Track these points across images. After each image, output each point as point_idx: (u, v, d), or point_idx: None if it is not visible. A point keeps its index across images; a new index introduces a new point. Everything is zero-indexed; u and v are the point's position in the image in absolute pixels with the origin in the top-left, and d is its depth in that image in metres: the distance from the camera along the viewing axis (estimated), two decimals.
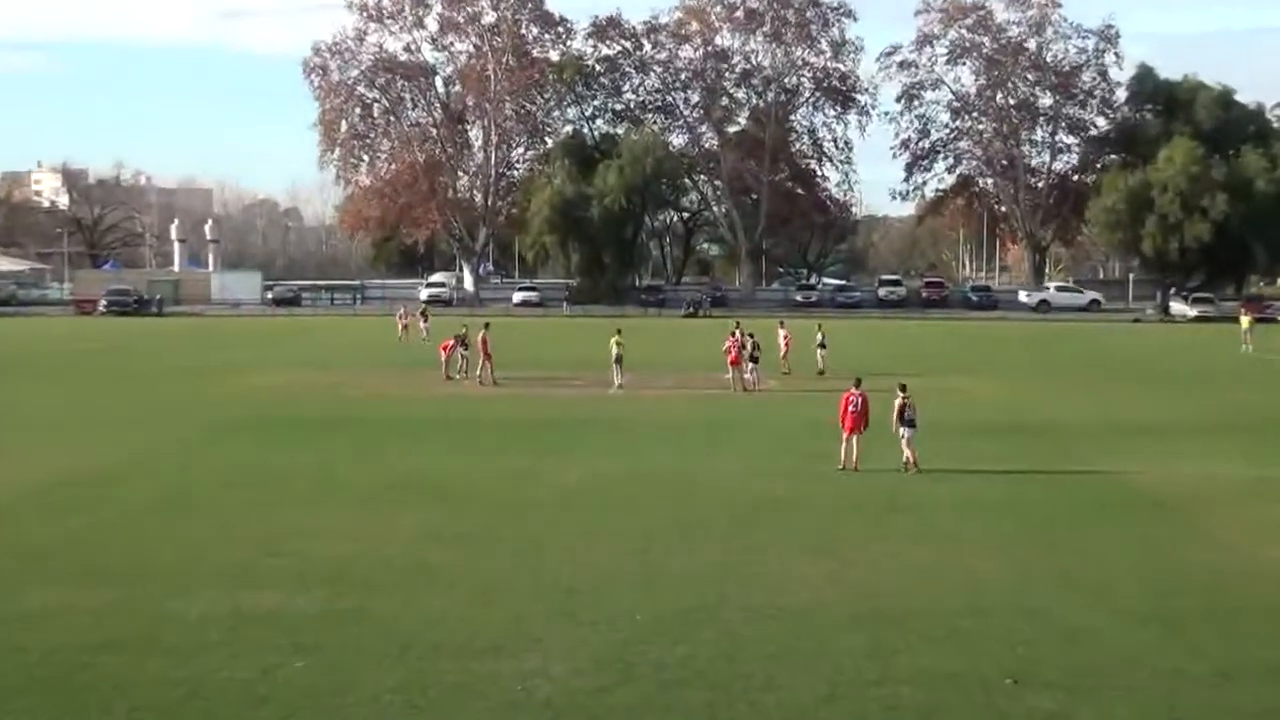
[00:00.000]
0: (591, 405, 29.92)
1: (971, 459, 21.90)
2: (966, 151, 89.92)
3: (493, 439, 24.12)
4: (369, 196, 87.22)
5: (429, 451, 22.32)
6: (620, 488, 18.89)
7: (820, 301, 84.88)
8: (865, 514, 17.03)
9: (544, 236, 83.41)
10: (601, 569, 13.95)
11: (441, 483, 19.16)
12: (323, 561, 14.17)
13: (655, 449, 22.88)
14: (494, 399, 31.31)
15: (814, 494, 18.47)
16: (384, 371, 38.52)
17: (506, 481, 19.38)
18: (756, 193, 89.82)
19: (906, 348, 50.32)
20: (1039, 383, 36.30)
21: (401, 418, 27.08)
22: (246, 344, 51.55)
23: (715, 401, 30.95)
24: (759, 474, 20.19)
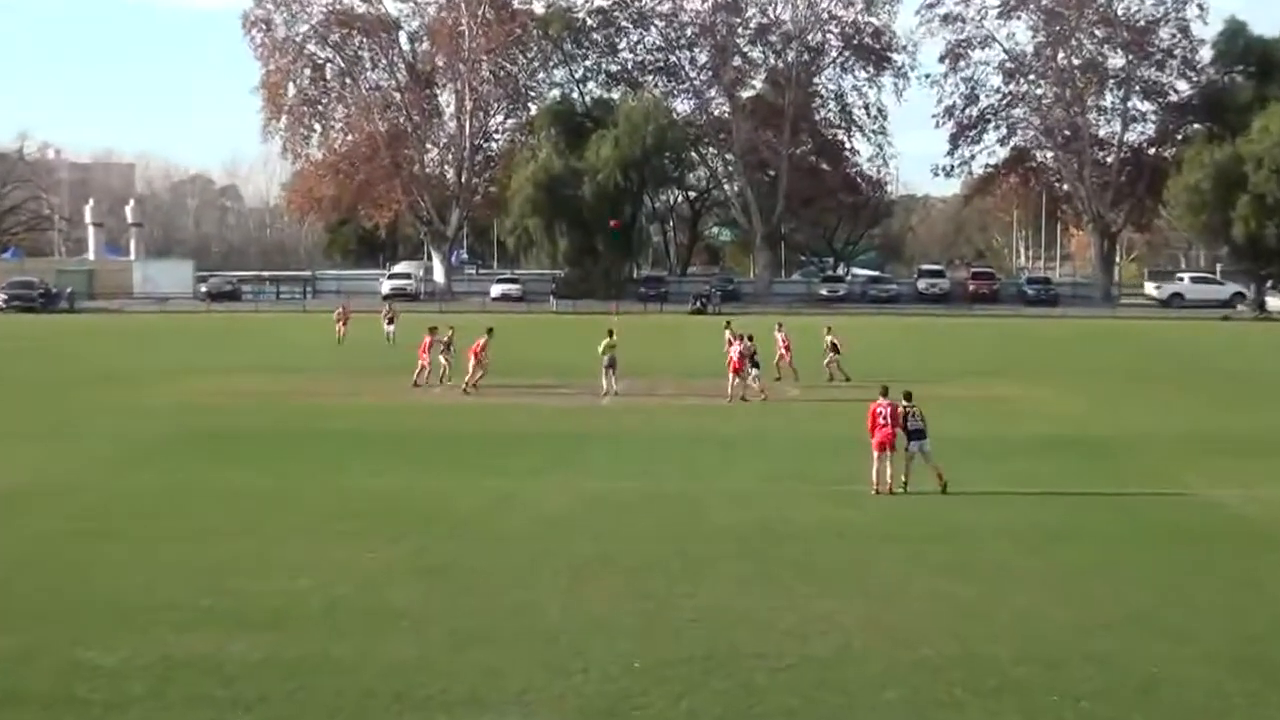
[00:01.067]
0: (582, 417, 30.02)
1: (1024, 479, 21.91)
2: (1022, 120, 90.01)
3: (469, 456, 24.17)
4: (321, 173, 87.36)
5: (395, 471, 22.37)
6: (615, 513, 18.89)
7: (849, 296, 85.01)
8: (900, 544, 17.01)
9: (527, 219, 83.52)
10: (593, 609, 13.95)
11: (409, 508, 19.17)
12: (267, 600, 14.19)
13: (655, 467, 22.91)
14: (470, 410, 31.40)
15: (840, 521, 18.47)
16: (342, 377, 38.51)
17: (484, 506, 19.39)
18: (774, 168, 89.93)
19: (949, 350, 50.37)
20: (1107, 390, 36.39)
21: (363, 431, 27.17)
22: (176, 345, 51.55)
23: (725, 413, 31.04)
24: (776, 497, 20.18)
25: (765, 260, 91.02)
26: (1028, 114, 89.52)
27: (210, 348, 50.21)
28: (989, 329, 65.16)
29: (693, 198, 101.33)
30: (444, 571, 15.45)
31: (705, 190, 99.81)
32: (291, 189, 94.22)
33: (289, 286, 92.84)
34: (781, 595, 14.51)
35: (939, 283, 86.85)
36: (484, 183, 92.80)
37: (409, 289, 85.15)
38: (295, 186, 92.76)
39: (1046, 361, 46.11)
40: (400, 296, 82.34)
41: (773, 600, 14.32)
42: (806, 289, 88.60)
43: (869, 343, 45.51)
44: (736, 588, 14.83)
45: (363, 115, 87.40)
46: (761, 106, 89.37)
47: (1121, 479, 22.29)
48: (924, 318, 73.77)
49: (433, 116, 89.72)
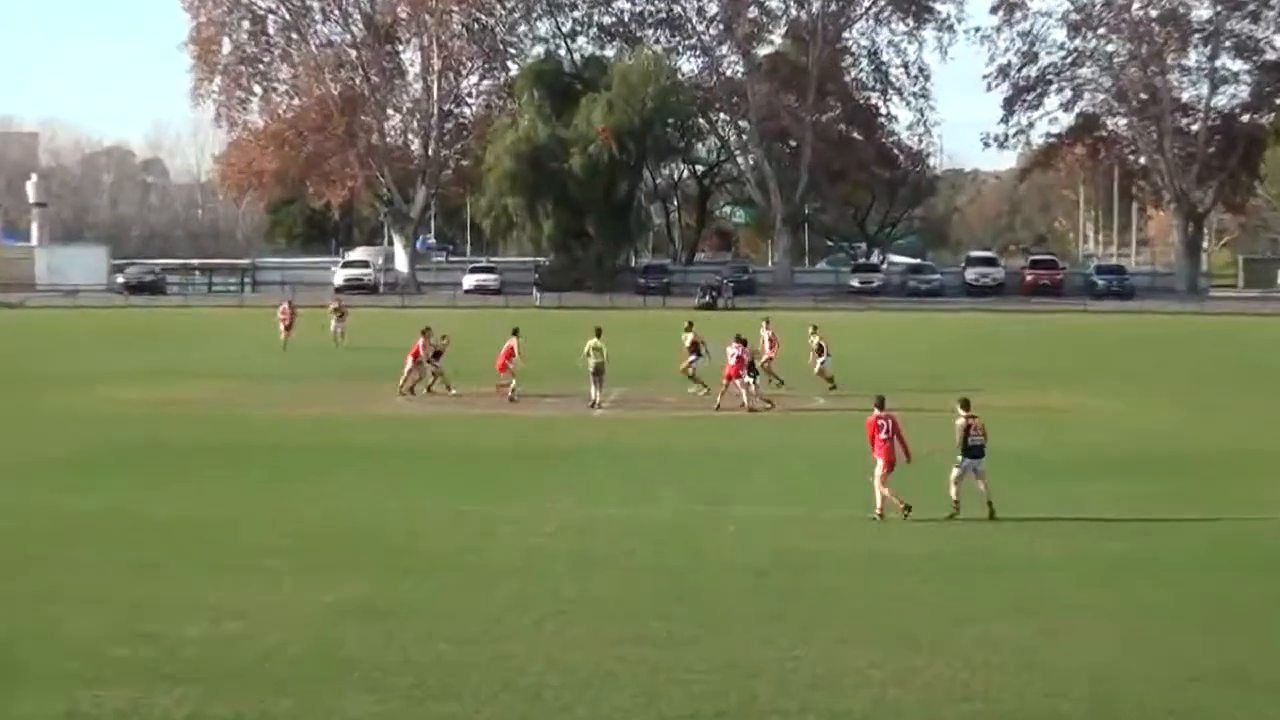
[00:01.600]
0: (570, 430, 30.07)
1: (1092, 503, 21.88)
2: (1090, 81, 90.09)
3: (436, 477, 24.17)
4: (262, 143, 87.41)
5: (347, 494, 22.35)
6: (608, 543, 18.84)
7: (885, 288, 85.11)
8: (944, 581, 16.95)
9: (505, 198, 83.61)
10: (582, 658, 13.85)
11: (364, 538, 19.12)
12: (197, 646, 14.11)
13: (655, 490, 22.90)
14: (438, 423, 31.42)
15: (872, 552, 18.40)
16: (286, 384, 38.48)
17: (456, 534, 19.34)
18: (796, 138, 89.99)
19: (1003, 352, 50.37)
20: (1191, 400, 36.42)
21: (309, 448, 27.18)
22: (91, 346, 51.52)
23: (735, 426, 31.08)
24: (797, 524, 20.13)
25: (786, 246, 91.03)
26: (1097, 74, 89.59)
27: (130, 349, 50.16)
28: (1050, 327, 65.18)
29: (701, 173, 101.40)
30: (405, 614, 15.38)
31: (715, 164, 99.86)
32: (226, 162, 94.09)
33: (224, 277, 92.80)
34: (804, 641, 14.43)
35: (991, 272, 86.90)
36: (455, 155, 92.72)
37: (366, 280, 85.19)
38: (231, 159, 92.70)
39: (1119, 366, 46.10)
40: (356, 288, 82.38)
41: (794, 647, 14.23)
42: (835, 280, 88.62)
43: (908, 344, 45.51)
44: (751, 632, 14.76)
45: (312, 76, 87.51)
46: (782, 65, 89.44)
47: (1207, 503, 22.23)
48: (973, 314, 73.79)
49: (394, 77, 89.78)
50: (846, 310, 75.65)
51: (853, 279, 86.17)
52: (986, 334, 60.18)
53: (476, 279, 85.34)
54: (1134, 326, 65.98)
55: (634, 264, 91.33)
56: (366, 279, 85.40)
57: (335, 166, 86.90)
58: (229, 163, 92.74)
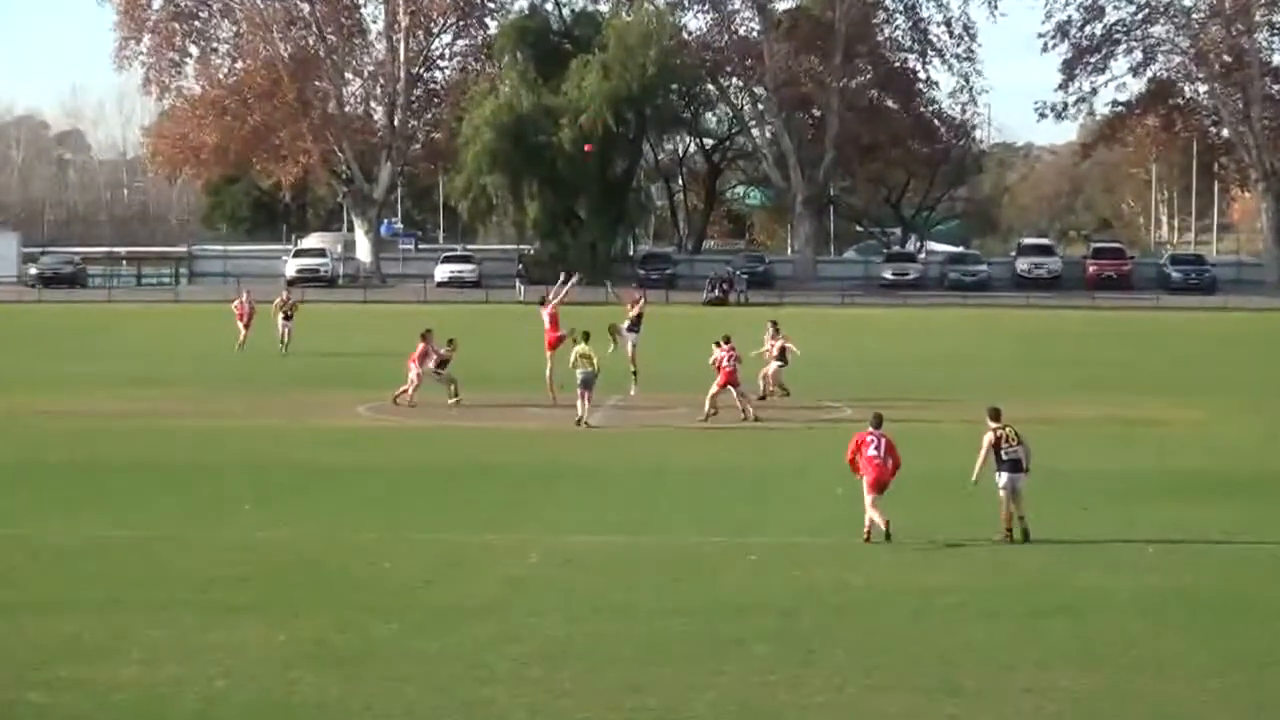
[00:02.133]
0: (559, 445, 30.06)
1: (1171, 529, 21.80)
2: (1164, 41, 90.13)
3: (404, 499, 24.12)
4: (200, 113, 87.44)
5: (304, 520, 22.32)
6: (603, 578, 18.79)
7: (923, 280, 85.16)
8: (998, 620, 16.90)
9: (484, 177, 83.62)
10: (574, 706, 13.81)
11: (322, 570, 19.08)
12: (130, 692, 14.09)
13: (658, 515, 22.86)
14: (410, 435, 31.35)
15: (913, 587, 18.33)
16: (232, 391, 38.44)
17: (426, 565, 19.29)
18: (821, 107, 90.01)
19: (1063, 355, 50.33)
20: (1279, 410, 36.22)
21: (260, 467, 27.09)
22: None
23: (750, 442, 31.04)
24: (824, 554, 20.07)
25: (808, 232, 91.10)
26: (1172, 33, 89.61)
27: (45, 351, 50.16)
28: (1118, 326, 65.18)
29: (709, 148, 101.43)
30: (369, 657, 15.34)
31: (726, 137, 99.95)
32: (157, 135, 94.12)
33: (155, 268, 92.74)
34: (834, 688, 14.36)
35: (1047, 263, 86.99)
36: (425, 127, 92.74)
37: (323, 271, 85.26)
38: (163, 132, 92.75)
39: (1199, 371, 46.06)
40: (311, 280, 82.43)
41: (819, 694, 14.16)
42: (864, 271, 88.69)
43: (951, 346, 45.42)
44: (771, 679, 14.64)
45: (257, 34, 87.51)
46: (804, 22, 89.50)
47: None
48: (1026, 310, 73.84)
49: (354, 36, 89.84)
50: (878, 307, 75.71)
51: (885, 270, 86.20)
52: (1043, 334, 60.15)
53: (451, 270, 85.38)
54: (1216, 325, 66.00)
55: (633, 253, 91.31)
56: (323, 270, 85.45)
57: (285, 140, 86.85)
58: (160, 135, 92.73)
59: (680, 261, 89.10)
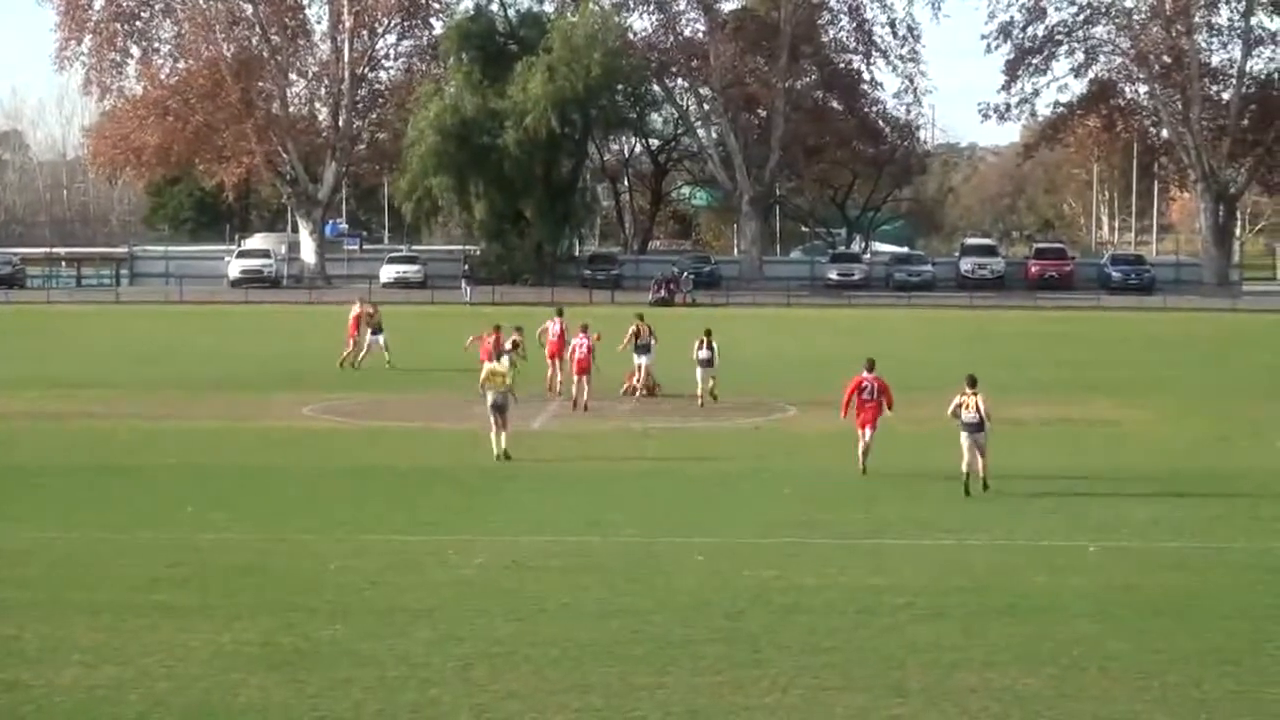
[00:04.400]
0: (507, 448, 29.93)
1: (1117, 530, 21.93)
2: (1105, 42, 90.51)
3: (348, 501, 24.04)
4: (141, 113, 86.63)
5: (245, 521, 22.21)
6: (549, 579, 18.74)
7: (868, 280, 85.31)
8: (947, 620, 16.93)
9: (430, 178, 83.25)
10: (520, 708, 13.74)
11: (264, 572, 18.97)
12: (71, 696, 13.98)
13: (605, 515, 22.84)
14: (357, 437, 31.36)
15: (863, 588, 18.36)
16: (178, 392, 38.15)
17: (370, 567, 19.20)
18: (766, 107, 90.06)
19: (1007, 355, 50.51)
20: (1220, 410, 36.58)
21: (202, 467, 26.99)
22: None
23: (703, 443, 31.08)
24: (775, 555, 20.09)
25: (754, 232, 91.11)
26: (1113, 33, 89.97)
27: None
28: (1061, 326, 65.51)
29: (655, 148, 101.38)
30: (311, 659, 15.24)
31: (672, 138, 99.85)
32: (99, 135, 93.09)
33: (96, 269, 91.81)
34: (780, 689, 14.37)
35: (990, 263, 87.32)
36: (370, 127, 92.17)
37: (266, 272, 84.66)
38: (104, 132, 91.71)
39: (1144, 371, 46.32)
40: (254, 282, 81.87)
41: (767, 694, 14.16)
42: (810, 271, 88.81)
43: (894, 346, 45.43)
44: (718, 680, 14.63)
45: (200, 34, 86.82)
46: (749, 23, 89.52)
47: (1251, 529, 22.28)
48: (970, 311, 74.10)
49: (298, 36, 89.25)
50: (823, 307, 75.85)
51: (831, 270, 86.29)
52: (986, 334, 60.39)
53: (396, 270, 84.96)
54: (1156, 325, 66.41)
55: (578, 253, 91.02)
56: (266, 270, 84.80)
57: (229, 140, 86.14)
58: (102, 136, 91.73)
59: (626, 262, 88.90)
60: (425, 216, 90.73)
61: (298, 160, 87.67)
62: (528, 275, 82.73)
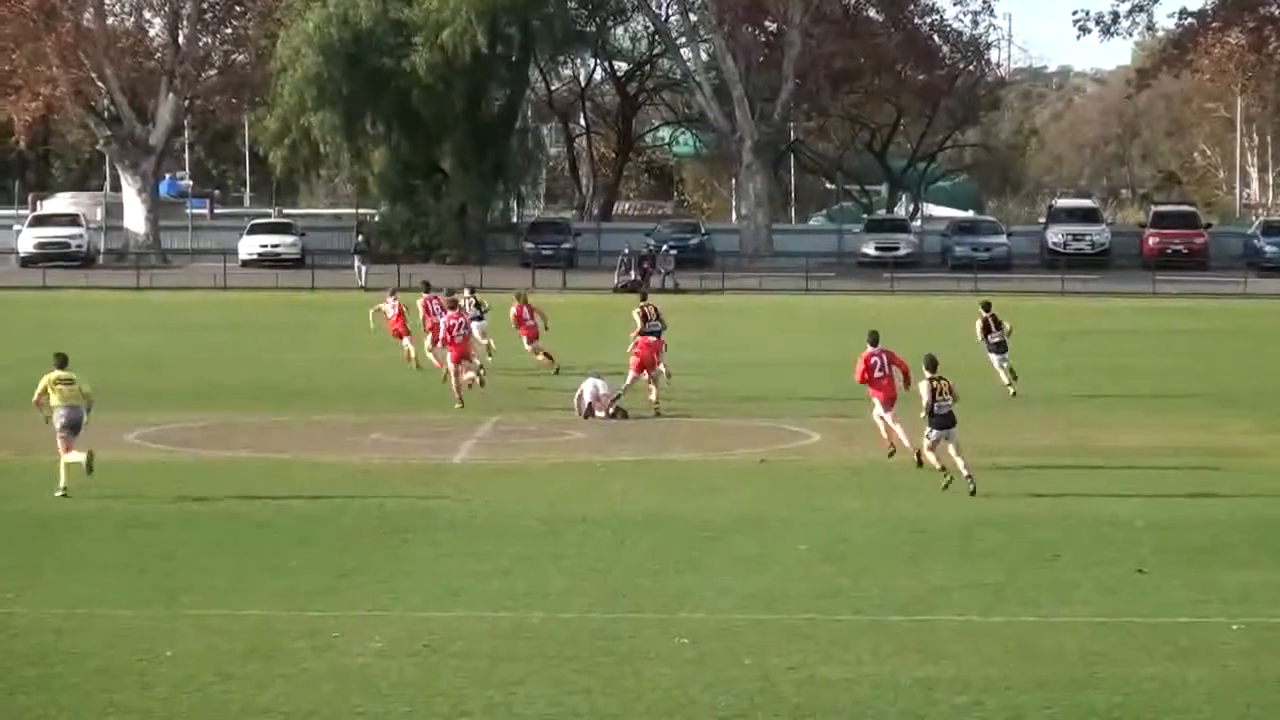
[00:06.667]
0: (415, 484, 30.27)
1: (1255, 600, 22.02)
2: None
3: (198, 559, 24.08)
4: None
5: (54, 587, 22.34)
6: (474, 666, 18.74)
7: (918, 257, 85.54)
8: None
9: (308, 115, 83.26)
10: None
11: (80, 660, 18.95)
12: None
13: (549, 577, 22.94)
14: (197, 473, 31.55)
15: (900, 679, 18.40)
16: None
17: (226, 655, 19.15)
18: (778, 18, 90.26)
19: (1117, 358, 50.60)
20: None
21: (32, 514, 27.13)
22: None
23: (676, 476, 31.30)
24: (776, 635, 20.13)
25: (759, 192, 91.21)
26: None
27: None
28: (1190, 320, 65.71)
29: (623, 74, 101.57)
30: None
31: (646, 60, 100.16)
32: None
33: None
34: None
35: (1090, 233, 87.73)
36: (224, 46, 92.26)
37: (75, 245, 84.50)
38: None
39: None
40: (57, 259, 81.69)
41: None
42: (838, 244, 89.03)
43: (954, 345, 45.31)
44: None
45: None
46: None
47: None
48: (1062, 298, 74.43)
49: None
50: (856, 293, 75.94)
51: (867, 243, 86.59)
52: (1084, 331, 60.50)
53: (262, 243, 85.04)
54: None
55: (517, 219, 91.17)
56: (75, 244, 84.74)
57: (20, 64, 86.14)
58: None
59: (582, 232, 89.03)
60: (303, 169, 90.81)
61: (120, 92, 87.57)
62: (447, 250, 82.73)
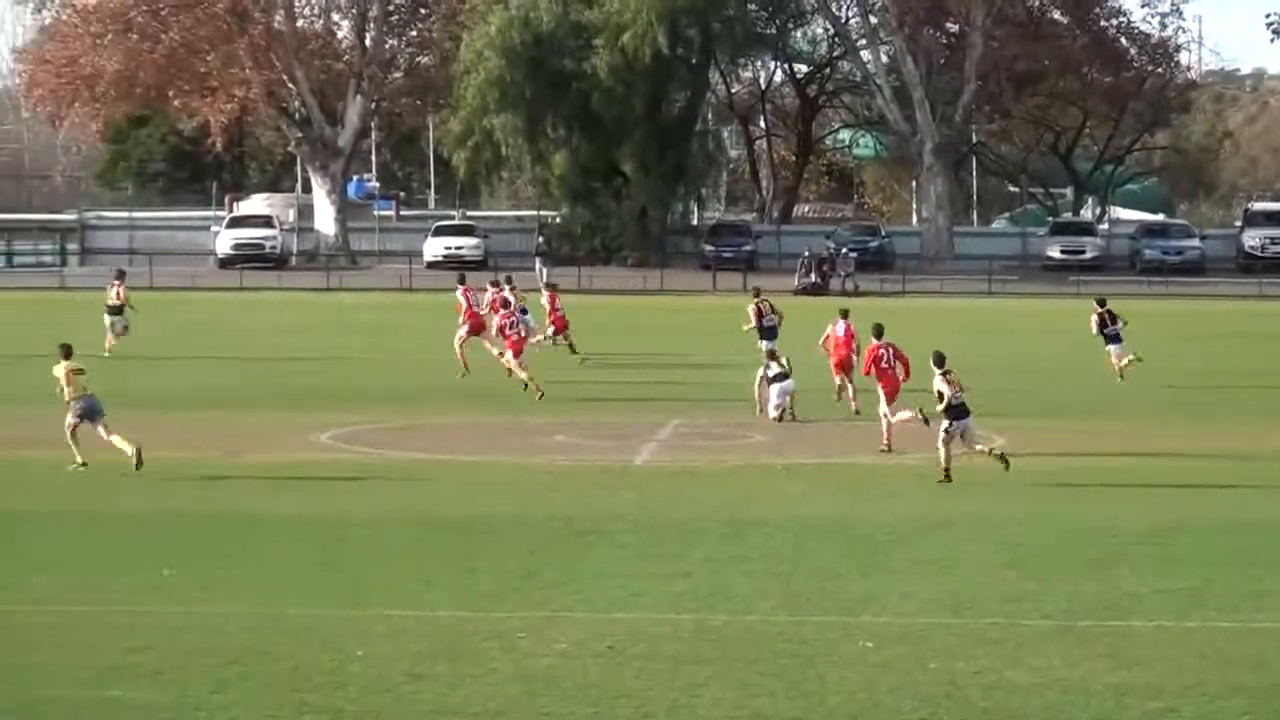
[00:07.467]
0: (593, 487, 30.35)
1: None
2: None
3: (385, 561, 24.24)
4: (95, 29, 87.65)
5: (243, 588, 22.40)
6: (656, 669, 18.67)
7: (1105, 260, 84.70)
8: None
9: (491, 117, 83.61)
10: None
11: (274, 658, 19.00)
12: None
13: (730, 582, 22.87)
14: (385, 474, 31.56)
15: (1090, 683, 18.08)
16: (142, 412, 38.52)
17: (414, 655, 19.14)
18: (960, 20, 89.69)
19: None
20: None
21: (194, 514, 27.20)
22: None
23: (854, 480, 31.19)
24: (960, 638, 19.95)
25: (940, 194, 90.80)
26: None
27: None
28: None
29: (803, 76, 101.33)
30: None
31: (827, 62, 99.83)
32: (37, 60, 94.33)
33: (34, 242, 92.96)
34: None
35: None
36: (409, 48, 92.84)
37: (269, 247, 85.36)
38: (45, 55, 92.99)
39: None
40: (252, 260, 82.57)
41: None
42: (1022, 247, 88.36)
43: (1148, 351, 44.80)
44: None
45: None
46: None
47: None
48: (1260, 302, 73.44)
49: None
50: (1041, 296, 75.32)
51: (1052, 246, 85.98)
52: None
53: (446, 245, 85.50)
54: None
55: (697, 222, 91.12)
56: (269, 245, 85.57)
57: (215, 65, 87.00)
58: (41, 60, 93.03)
59: (763, 234, 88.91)
60: (485, 171, 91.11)
61: (310, 94, 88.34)
62: (627, 252, 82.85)
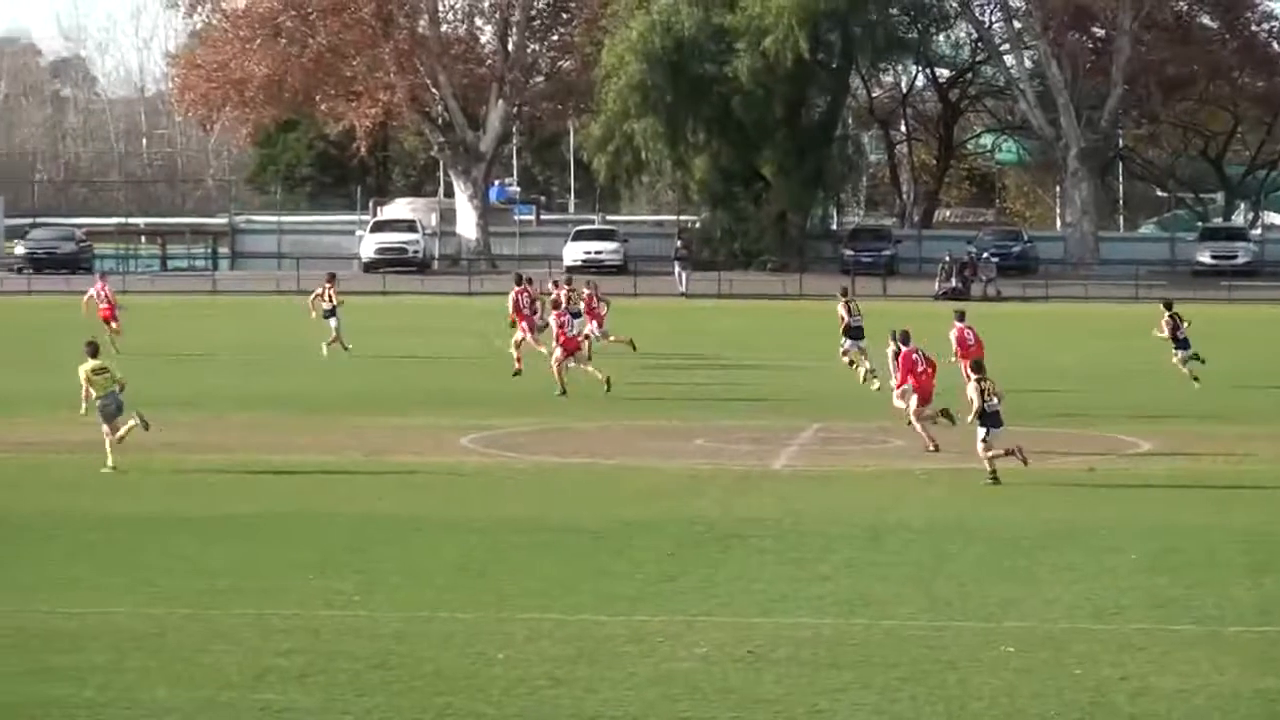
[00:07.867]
0: (737, 489, 30.43)
1: None
2: None
3: (523, 563, 24.37)
4: (245, 34, 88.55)
5: (389, 591, 22.53)
6: (796, 674, 18.60)
7: (1258, 266, 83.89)
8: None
9: (631, 122, 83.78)
10: None
11: (417, 660, 19.11)
12: None
13: (867, 586, 22.84)
14: (528, 477, 31.72)
15: (1245, 692, 17.85)
16: (289, 415, 38.74)
17: (555, 658, 19.20)
18: (1106, 24, 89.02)
19: None
20: None
21: (340, 516, 27.51)
22: None
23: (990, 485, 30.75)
24: (1104, 644, 19.69)
25: (1085, 199, 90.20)
26: None
27: (33, 359, 51.04)
28: None
29: (945, 81, 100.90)
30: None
31: (969, 67, 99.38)
32: (188, 65, 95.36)
33: (187, 245, 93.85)
34: None
35: None
36: (551, 53, 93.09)
37: (412, 251, 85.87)
38: (196, 60, 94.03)
39: None
40: (396, 264, 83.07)
41: None
42: (1170, 252, 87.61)
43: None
44: None
45: None
46: None
47: None
48: None
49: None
50: (1191, 301, 74.28)
51: (1202, 251, 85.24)
52: None
53: (585, 249, 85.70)
54: None
55: (836, 226, 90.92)
56: (412, 249, 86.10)
57: (361, 70, 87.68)
58: (192, 65, 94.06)
59: (903, 239, 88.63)
60: (625, 175, 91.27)
61: (452, 98, 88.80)
62: (767, 257, 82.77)
